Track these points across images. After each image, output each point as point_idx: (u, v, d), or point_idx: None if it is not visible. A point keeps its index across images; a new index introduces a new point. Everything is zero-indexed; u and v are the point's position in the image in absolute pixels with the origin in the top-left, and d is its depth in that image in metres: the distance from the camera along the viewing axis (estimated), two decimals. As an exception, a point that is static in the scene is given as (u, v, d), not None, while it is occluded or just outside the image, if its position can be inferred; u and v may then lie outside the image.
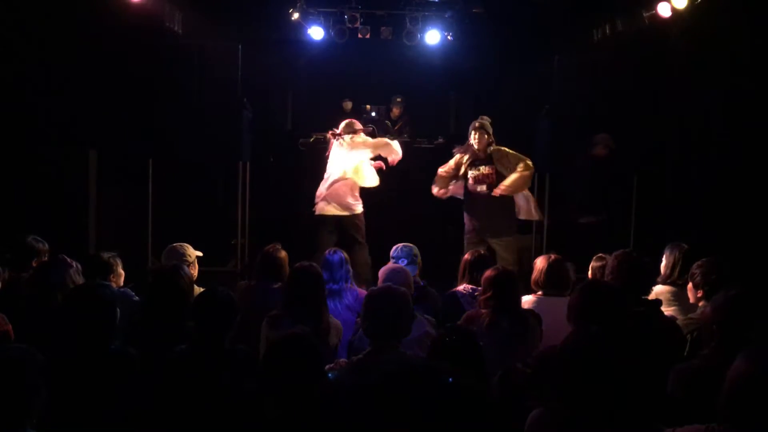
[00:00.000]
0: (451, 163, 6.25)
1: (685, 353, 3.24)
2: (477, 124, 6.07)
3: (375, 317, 3.01)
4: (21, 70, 5.96)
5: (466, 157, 6.14)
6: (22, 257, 4.30)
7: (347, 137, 6.26)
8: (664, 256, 4.29)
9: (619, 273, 3.65)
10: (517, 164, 5.99)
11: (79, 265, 3.93)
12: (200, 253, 4.55)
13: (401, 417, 2.02)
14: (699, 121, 6.67)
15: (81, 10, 6.00)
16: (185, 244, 4.51)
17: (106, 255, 4.29)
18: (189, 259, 4.35)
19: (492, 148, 6.06)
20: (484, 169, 6.07)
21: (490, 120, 6.17)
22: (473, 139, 6.05)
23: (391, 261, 4.62)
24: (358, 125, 6.43)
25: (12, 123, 6.02)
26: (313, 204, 6.38)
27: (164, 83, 6.96)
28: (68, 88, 6.12)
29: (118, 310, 3.05)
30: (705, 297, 3.53)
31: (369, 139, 6.46)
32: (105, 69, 6.38)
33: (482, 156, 6.06)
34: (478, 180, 6.10)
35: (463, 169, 6.15)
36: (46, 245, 4.42)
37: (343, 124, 6.39)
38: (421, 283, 4.48)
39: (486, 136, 6.03)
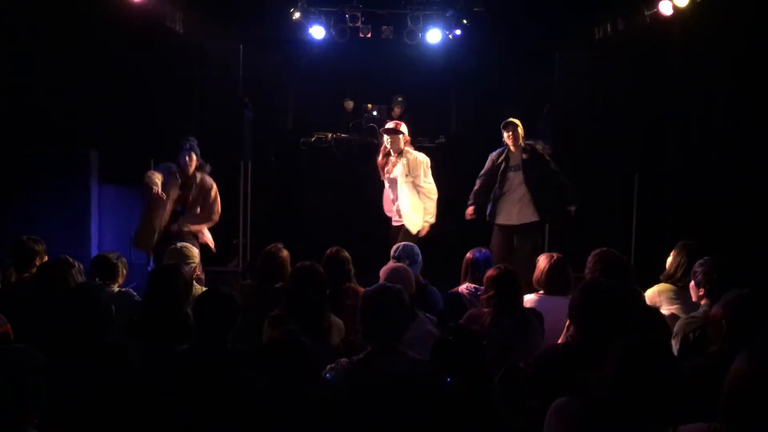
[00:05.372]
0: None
1: (685, 352, 3.23)
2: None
3: (371, 317, 2.99)
4: (22, 70, 5.96)
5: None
6: (19, 258, 4.28)
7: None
8: (672, 254, 4.27)
9: (595, 270, 3.75)
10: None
11: (81, 265, 3.93)
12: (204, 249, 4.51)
13: (399, 418, 2.01)
14: (700, 121, 6.66)
15: (82, 9, 6.00)
16: (187, 244, 4.51)
17: (111, 255, 4.28)
18: (193, 262, 4.35)
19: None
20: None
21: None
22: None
23: (392, 260, 4.61)
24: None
25: (12, 123, 6.01)
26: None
27: (165, 83, 6.96)
28: (69, 88, 6.12)
29: (113, 309, 3.06)
30: (706, 296, 3.51)
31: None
32: (106, 69, 6.38)
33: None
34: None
35: None
36: (43, 245, 4.38)
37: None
38: (423, 282, 4.48)
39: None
